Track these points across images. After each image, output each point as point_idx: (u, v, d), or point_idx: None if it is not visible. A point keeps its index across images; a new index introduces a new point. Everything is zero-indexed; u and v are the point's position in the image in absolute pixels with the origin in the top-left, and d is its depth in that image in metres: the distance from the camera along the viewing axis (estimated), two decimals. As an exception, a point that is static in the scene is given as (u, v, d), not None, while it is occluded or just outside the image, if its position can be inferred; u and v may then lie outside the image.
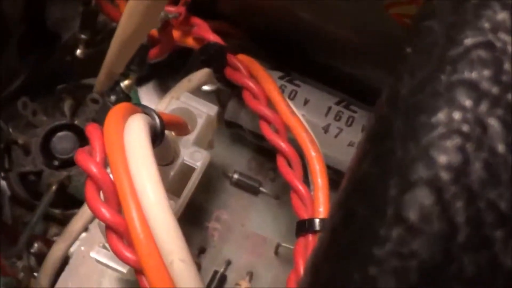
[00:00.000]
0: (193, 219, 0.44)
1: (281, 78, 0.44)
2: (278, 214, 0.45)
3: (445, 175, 0.16)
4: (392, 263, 0.16)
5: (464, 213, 0.16)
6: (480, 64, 0.17)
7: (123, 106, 0.31)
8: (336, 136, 0.42)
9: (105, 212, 0.28)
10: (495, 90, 0.17)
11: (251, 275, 0.43)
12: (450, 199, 0.16)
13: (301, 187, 0.37)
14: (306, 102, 0.43)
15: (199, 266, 0.43)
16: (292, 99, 0.43)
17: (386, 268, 0.16)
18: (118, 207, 0.28)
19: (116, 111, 0.30)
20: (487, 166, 0.16)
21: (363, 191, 0.17)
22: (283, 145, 0.38)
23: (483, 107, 0.17)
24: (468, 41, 0.18)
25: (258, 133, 0.42)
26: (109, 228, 0.28)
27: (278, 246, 0.44)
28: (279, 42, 0.47)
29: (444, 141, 0.16)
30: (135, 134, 0.29)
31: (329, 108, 0.43)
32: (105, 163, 0.29)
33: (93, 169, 0.28)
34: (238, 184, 0.46)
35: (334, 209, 0.18)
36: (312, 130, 0.39)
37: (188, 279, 0.27)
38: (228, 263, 0.44)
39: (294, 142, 0.38)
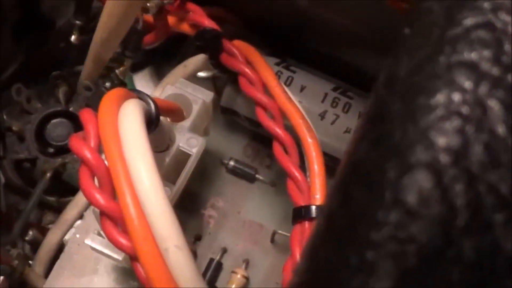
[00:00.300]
0: (188, 206, 0.44)
1: (277, 64, 0.44)
2: (274, 201, 0.45)
3: (444, 158, 0.16)
4: (390, 247, 0.15)
5: (463, 196, 0.16)
6: (480, 44, 0.17)
7: (117, 91, 0.30)
8: (332, 123, 0.42)
9: (99, 197, 0.27)
10: (495, 71, 0.16)
11: (247, 262, 0.43)
12: (449, 182, 0.16)
13: (297, 174, 0.37)
14: (302, 88, 0.43)
15: (195, 254, 0.43)
16: (288, 85, 0.43)
17: (383, 252, 0.15)
18: (112, 193, 0.28)
19: (110, 96, 0.30)
20: (487, 149, 0.16)
21: (360, 174, 0.17)
22: (279, 131, 0.38)
23: (483, 88, 0.16)
24: (468, 22, 0.17)
25: (254, 120, 0.41)
26: (103, 214, 0.28)
27: (274, 233, 0.43)
28: (276, 29, 0.46)
29: (444, 123, 0.16)
30: (129, 119, 0.28)
31: (326, 95, 0.42)
32: (100, 149, 0.29)
33: (87, 154, 0.28)
34: (234, 171, 0.45)
35: (331, 193, 0.18)
36: (308, 116, 0.39)
37: (183, 266, 0.27)
38: (224, 250, 0.44)
39: (290, 129, 0.38)
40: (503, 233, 0.15)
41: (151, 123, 0.32)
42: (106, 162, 0.28)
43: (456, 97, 0.16)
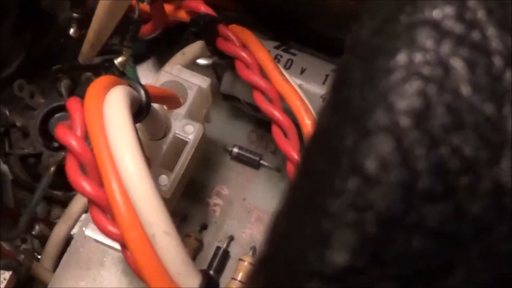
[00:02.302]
0: (193, 195, 0.44)
1: (276, 47, 0.43)
2: (280, 186, 0.44)
3: (404, 121, 0.15)
4: (347, 216, 0.15)
5: (425, 160, 0.15)
6: (442, 1, 0.16)
7: (104, 78, 0.30)
8: (334, 104, 0.41)
9: (86, 185, 0.27)
10: (458, 28, 0.16)
11: (254, 249, 0.42)
12: (410, 145, 0.15)
13: (296, 157, 0.36)
14: (302, 71, 0.42)
15: (201, 243, 0.42)
16: (288, 68, 0.42)
17: (340, 221, 0.15)
18: (99, 181, 0.27)
19: (97, 84, 0.29)
20: (450, 110, 0.15)
21: (320, 142, 0.16)
22: (277, 114, 0.37)
23: (446, 47, 0.16)
24: (430, -22, 0.16)
25: (255, 105, 0.41)
26: (91, 203, 0.28)
27: (280, 219, 0.43)
28: (275, 12, 0.46)
29: (404, 85, 0.15)
30: (113, 105, 0.28)
31: (327, 76, 0.42)
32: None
33: (73, 142, 0.28)
34: (238, 158, 0.45)
35: (297, 164, 0.17)
36: (310, 99, 0.38)
37: (172, 251, 0.26)
38: (231, 238, 0.43)
39: (290, 112, 0.37)
40: (468, 197, 0.15)
41: (142, 110, 0.31)
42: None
43: (417, 57, 0.16)
